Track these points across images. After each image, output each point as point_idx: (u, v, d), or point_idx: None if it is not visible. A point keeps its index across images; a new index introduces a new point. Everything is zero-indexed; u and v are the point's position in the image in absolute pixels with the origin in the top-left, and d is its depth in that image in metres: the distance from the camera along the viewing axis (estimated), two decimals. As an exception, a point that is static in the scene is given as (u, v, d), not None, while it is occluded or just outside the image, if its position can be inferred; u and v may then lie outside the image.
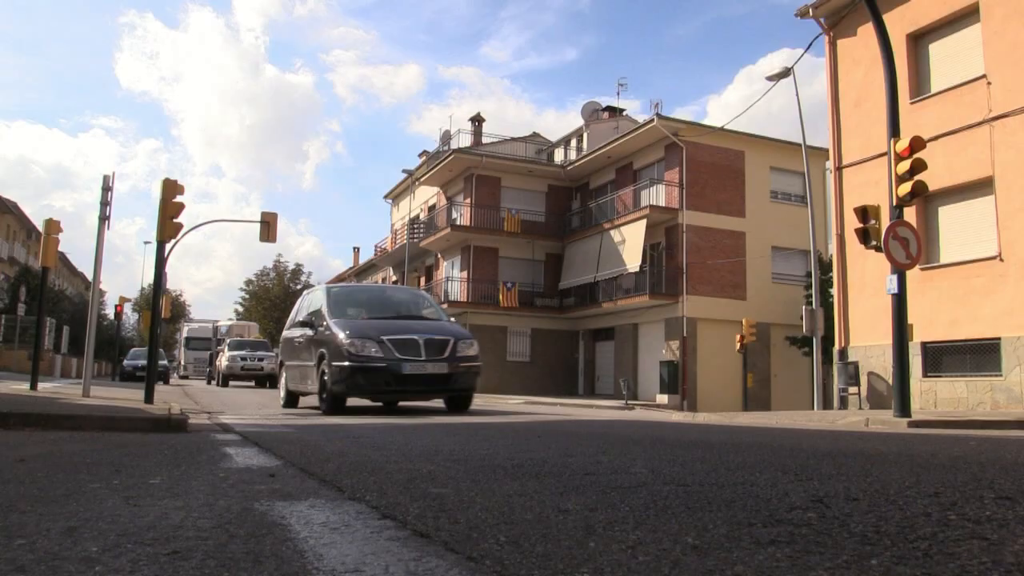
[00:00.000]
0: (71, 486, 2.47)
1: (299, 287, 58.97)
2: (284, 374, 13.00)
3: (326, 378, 10.33)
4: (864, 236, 12.00)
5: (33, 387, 14.66)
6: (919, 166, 11.06)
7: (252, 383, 29.20)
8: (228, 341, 31.16)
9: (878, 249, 11.58)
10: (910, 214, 12.91)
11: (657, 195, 30.26)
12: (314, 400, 12.74)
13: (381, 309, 12.00)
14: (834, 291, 18.27)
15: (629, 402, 26.10)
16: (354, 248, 53.77)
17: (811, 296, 22.94)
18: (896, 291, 11.38)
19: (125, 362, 31.11)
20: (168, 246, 13.46)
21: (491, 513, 1.92)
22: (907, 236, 11.32)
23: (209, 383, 32.75)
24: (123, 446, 4.55)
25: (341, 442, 5.01)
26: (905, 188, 11.06)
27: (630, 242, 29.67)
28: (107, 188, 13.86)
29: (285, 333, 13.62)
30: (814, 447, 4.01)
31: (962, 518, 1.77)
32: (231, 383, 28.50)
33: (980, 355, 14.62)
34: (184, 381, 42.25)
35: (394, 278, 43.27)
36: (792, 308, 29.28)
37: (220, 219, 41.08)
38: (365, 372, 9.98)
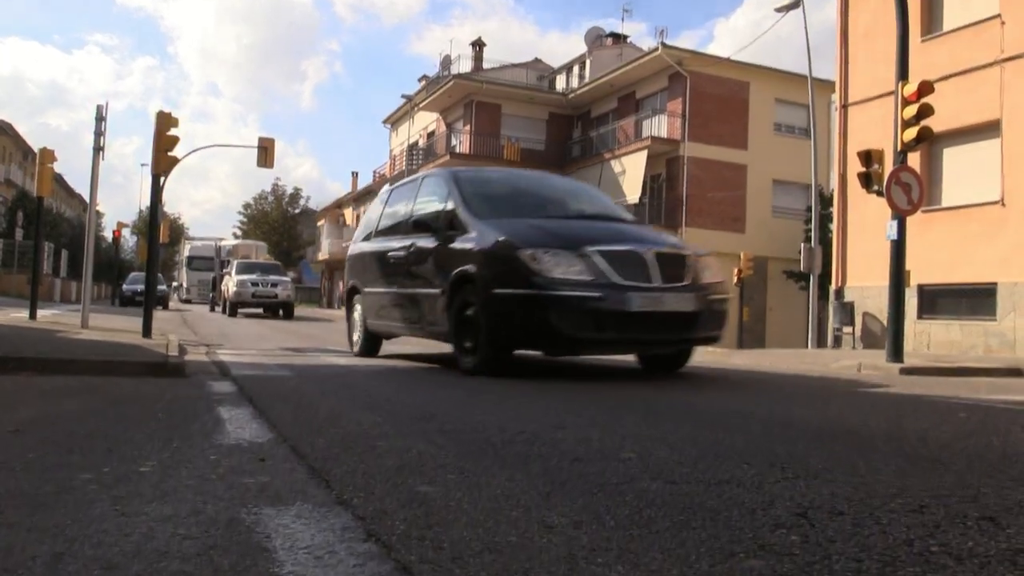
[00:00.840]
0: (62, 478, 2.48)
1: (297, 211, 58.71)
2: (358, 307, 9.55)
3: (470, 313, 6.57)
4: (866, 180, 11.90)
5: (32, 316, 14.76)
6: (926, 111, 10.89)
7: (261, 311, 26.32)
8: (235, 263, 27.53)
9: (880, 194, 11.51)
10: (913, 154, 12.72)
11: (659, 126, 29.90)
12: (401, 345, 10.50)
13: (545, 207, 7.93)
14: (833, 228, 18.23)
15: (625, 334, 26.26)
16: (352, 173, 53.39)
17: (811, 231, 22.89)
18: (896, 237, 11.36)
19: (124, 287, 31.18)
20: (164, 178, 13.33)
21: (475, 531, 1.93)
22: (910, 182, 11.24)
23: (212, 310, 30.50)
24: (119, 403, 4.58)
25: (334, 397, 5.03)
26: (911, 134, 10.92)
27: (630, 173, 29.45)
28: (101, 118, 13.70)
29: (359, 246, 9.94)
30: (805, 422, 4.04)
31: (944, 550, 1.79)
32: (240, 312, 25.69)
33: (976, 299, 14.68)
34: (186, 305, 41.02)
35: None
36: (791, 242, 29.26)
37: (217, 144, 40.61)
38: (562, 307, 6.05)
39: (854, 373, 10.49)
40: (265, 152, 24.59)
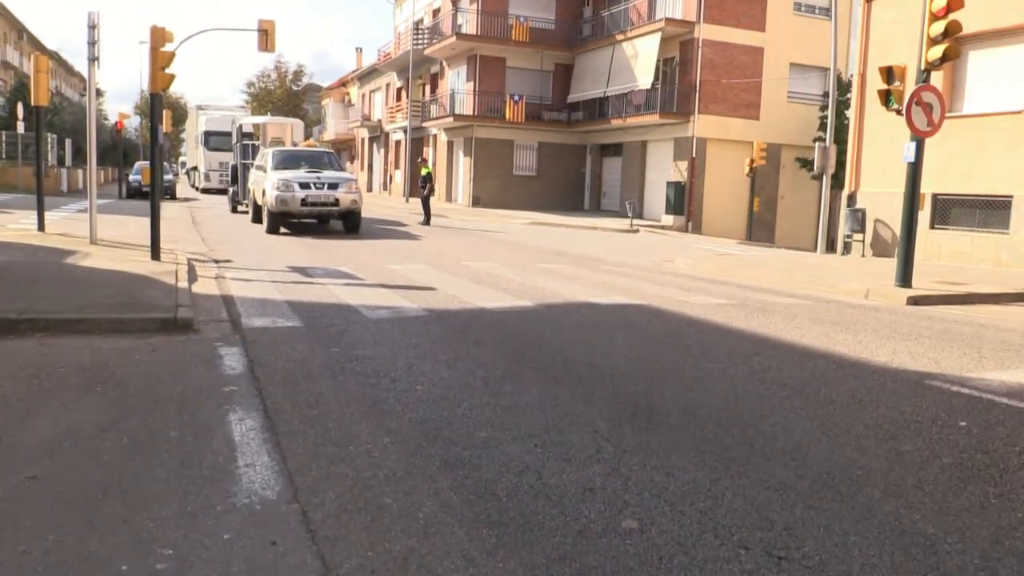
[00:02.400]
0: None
1: (301, 87, 57.42)
2: None
3: None
4: (886, 98, 11.54)
5: (40, 227, 14.79)
6: (954, 29, 10.42)
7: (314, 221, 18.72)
8: (270, 153, 19.12)
9: (899, 112, 11.19)
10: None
11: (673, 6, 28.68)
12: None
13: None
14: (851, 130, 17.73)
15: (634, 223, 26.24)
16: (357, 48, 51.83)
17: (827, 118, 22.34)
18: (912, 160, 11.13)
19: (131, 177, 30.85)
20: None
21: None
22: (931, 102, 10.91)
23: (235, 210, 24.13)
24: (132, 408, 4.65)
25: (343, 389, 5.06)
26: (936, 53, 10.51)
27: (643, 57, 28.49)
28: (93, 26, 13.25)
29: None
30: (806, 398, 4.12)
31: None
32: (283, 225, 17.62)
33: (990, 211, 14.48)
34: (204, 197, 35.11)
35: (399, 84, 42.06)
36: (805, 128, 28.64)
37: (217, 27, 38.87)
38: None
39: (861, 299, 10.51)
40: (266, 35, 23.82)
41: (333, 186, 17.23)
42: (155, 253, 11.58)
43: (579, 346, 6.70)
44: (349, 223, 17.91)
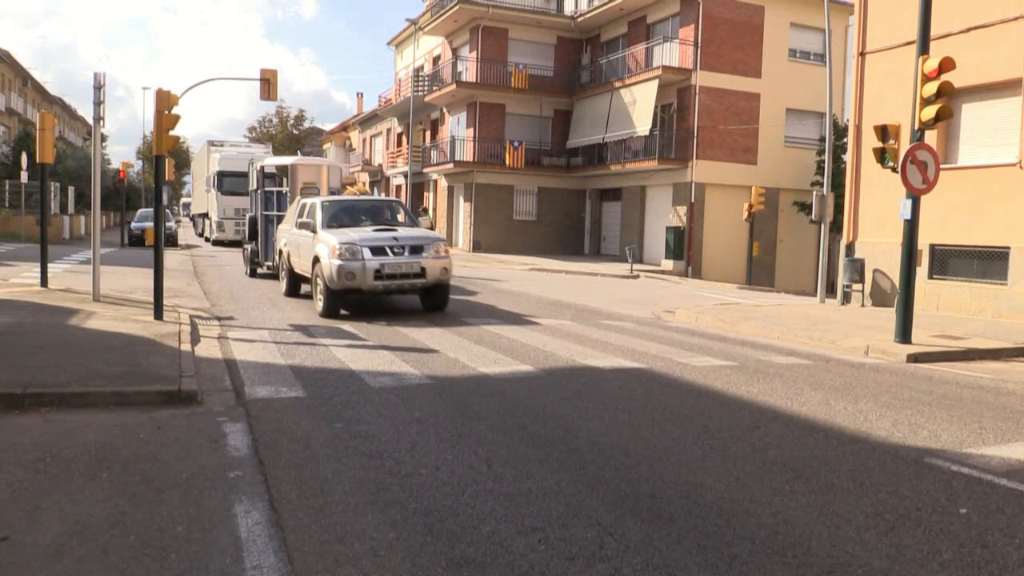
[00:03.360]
0: None
1: (301, 131, 57.95)
2: None
3: None
4: (881, 156, 11.72)
5: (44, 283, 14.92)
6: (947, 90, 10.61)
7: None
8: (318, 204, 14.19)
9: (895, 170, 11.36)
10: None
11: (671, 54, 29.15)
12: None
13: None
14: (847, 180, 17.89)
15: (634, 268, 26.36)
16: (358, 93, 52.53)
17: (824, 162, 22.60)
18: (909, 217, 11.26)
19: (133, 225, 31.05)
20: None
21: None
22: (926, 160, 11.07)
23: (254, 274, 19.73)
24: (138, 498, 4.67)
25: (348, 473, 5.09)
26: (929, 113, 10.68)
27: (641, 103, 28.88)
28: (99, 86, 13.50)
29: None
30: (807, 482, 4.13)
31: None
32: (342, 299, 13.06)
33: (988, 262, 14.58)
34: (216, 250, 30.61)
35: (400, 130, 42.50)
36: (803, 172, 28.94)
37: (220, 77, 39.27)
38: None
39: (861, 357, 10.57)
40: (268, 84, 24.14)
41: (416, 250, 12.68)
42: (158, 312, 11.66)
43: (580, 419, 6.73)
44: (433, 299, 13.41)
